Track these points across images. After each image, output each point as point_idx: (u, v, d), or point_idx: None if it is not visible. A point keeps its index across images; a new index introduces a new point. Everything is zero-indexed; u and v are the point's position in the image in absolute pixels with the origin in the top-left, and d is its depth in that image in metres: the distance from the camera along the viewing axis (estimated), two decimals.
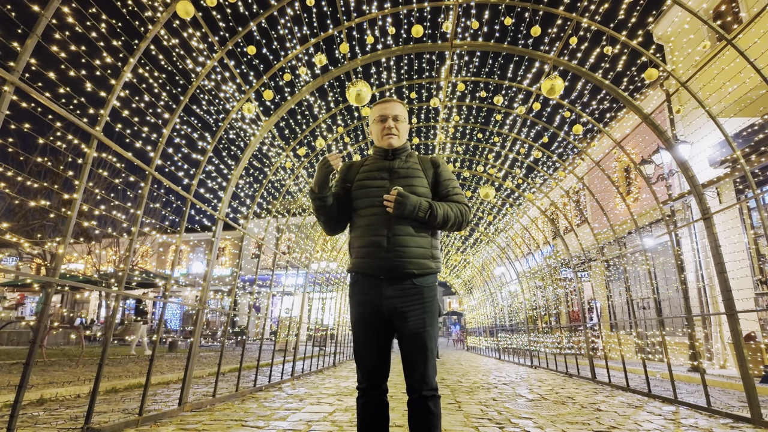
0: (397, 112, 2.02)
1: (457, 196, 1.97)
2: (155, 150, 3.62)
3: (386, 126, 2.00)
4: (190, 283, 25.05)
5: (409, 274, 1.82)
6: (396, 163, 1.99)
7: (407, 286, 1.83)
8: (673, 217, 9.81)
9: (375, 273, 1.84)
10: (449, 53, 5.29)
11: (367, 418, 1.85)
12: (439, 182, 2.00)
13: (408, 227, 1.84)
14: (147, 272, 15.03)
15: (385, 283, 1.84)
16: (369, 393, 1.86)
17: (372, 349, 1.87)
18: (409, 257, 1.82)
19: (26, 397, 4.19)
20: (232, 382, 6.16)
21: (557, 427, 3.57)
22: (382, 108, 2.03)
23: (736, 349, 4.07)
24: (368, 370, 1.86)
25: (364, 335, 1.88)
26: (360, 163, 2.09)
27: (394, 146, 2.01)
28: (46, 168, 15.78)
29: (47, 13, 2.49)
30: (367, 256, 1.85)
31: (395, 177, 1.94)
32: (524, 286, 11.59)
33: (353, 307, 1.92)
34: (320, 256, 9.95)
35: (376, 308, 1.84)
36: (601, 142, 11.87)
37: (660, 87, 10.25)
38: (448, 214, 1.88)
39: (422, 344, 1.80)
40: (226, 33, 4.12)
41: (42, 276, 4.65)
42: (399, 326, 1.84)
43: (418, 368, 1.79)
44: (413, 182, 1.93)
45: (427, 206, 1.84)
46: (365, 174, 1.99)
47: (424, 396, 1.77)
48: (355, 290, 1.92)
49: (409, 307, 1.82)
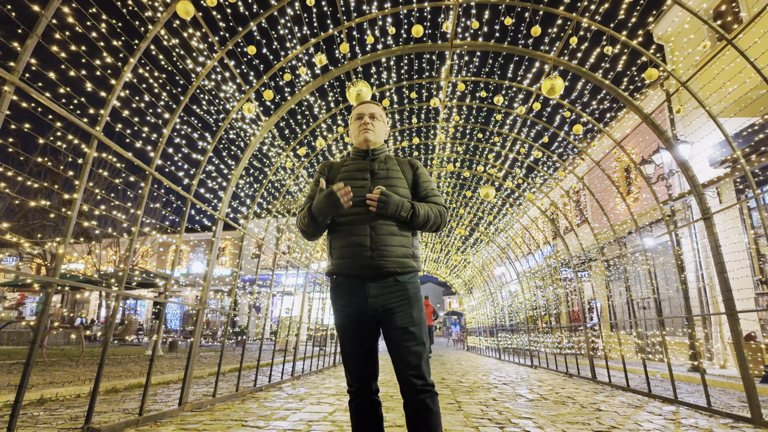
0: (373, 110, 2.06)
1: (436, 198, 2.00)
2: (155, 150, 3.62)
3: (363, 122, 2.03)
4: (191, 283, 25.04)
5: (392, 272, 1.83)
6: (376, 164, 2.01)
7: (390, 283, 1.84)
8: (673, 217, 9.81)
9: (358, 273, 1.84)
10: (449, 53, 5.29)
11: (363, 420, 1.84)
12: (418, 183, 2.03)
13: (391, 227, 1.85)
14: (147, 272, 15.03)
15: (369, 283, 1.83)
16: (361, 395, 1.85)
17: (360, 350, 1.86)
18: (391, 256, 1.83)
19: (26, 397, 4.19)
20: (233, 382, 6.16)
21: (557, 427, 3.57)
22: (359, 108, 2.09)
23: (737, 349, 4.07)
24: (358, 372, 1.85)
25: (351, 338, 1.86)
26: (340, 163, 2.09)
27: (370, 140, 2.02)
28: (46, 168, 15.79)
29: (47, 13, 2.49)
30: (350, 256, 1.84)
31: (376, 178, 1.96)
32: (524, 286, 11.59)
33: (338, 310, 1.90)
34: (320, 256, 9.95)
35: (362, 309, 1.83)
36: (602, 142, 11.87)
37: (660, 87, 10.24)
38: (428, 214, 1.90)
39: (412, 337, 1.78)
40: (226, 33, 4.12)
41: (42, 276, 4.65)
42: (387, 324, 1.83)
43: (410, 363, 1.75)
44: (394, 183, 1.95)
45: (409, 206, 1.86)
46: (346, 174, 1.99)
47: (420, 391, 1.73)
48: (338, 293, 1.90)
49: (395, 303, 1.82)
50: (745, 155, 7.58)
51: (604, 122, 7.88)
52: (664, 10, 10.06)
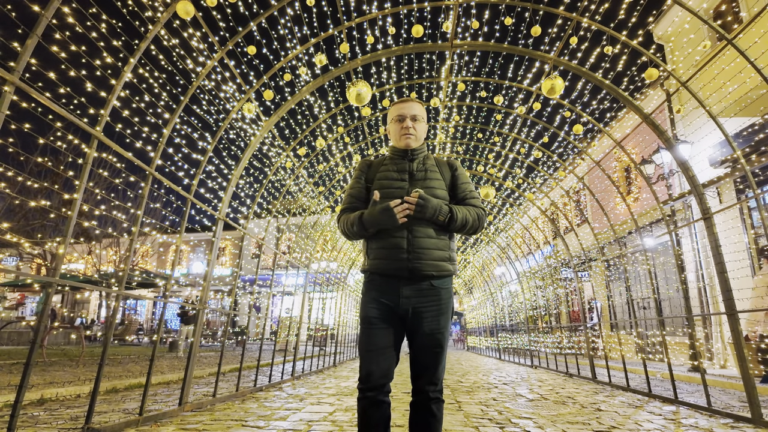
0: (415, 111, 2.00)
1: (474, 200, 1.98)
2: (155, 150, 3.62)
3: (404, 126, 1.98)
4: (191, 283, 25.04)
5: (428, 275, 1.82)
6: (415, 164, 1.99)
7: (425, 287, 1.83)
8: (673, 217, 9.81)
9: (394, 274, 1.83)
10: (449, 53, 5.29)
11: (371, 420, 1.76)
12: (457, 185, 2.01)
13: (428, 229, 1.84)
14: (147, 272, 15.03)
15: (404, 283, 1.83)
16: (372, 393, 1.77)
17: (381, 347, 1.81)
18: (428, 259, 1.82)
19: (27, 397, 4.19)
20: (233, 382, 6.16)
21: (557, 427, 3.57)
22: (400, 108, 2.01)
23: (737, 349, 4.06)
24: (373, 370, 1.78)
25: (375, 332, 1.82)
26: (379, 162, 2.07)
27: (412, 146, 2.00)
28: (46, 168, 15.81)
29: (47, 13, 2.49)
30: (386, 257, 1.84)
31: (414, 179, 1.95)
32: (524, 286, 11.59)
33: (367, 303, 1.87)
34: (320, 256, 9.95)
35: (392, 307, 1.83)
36: (602, 141, 11.86)
37: (660, 87, 10.24)
38: (466, 217, 1.88)
39: (436, 344, 1.80)
40: (226, 33, 4.12)
41: (42, 276, 4.65)
42: (413, 326, 1.83)
43: (429, 369, 1.79)
44: (432, 184, 1.93)
45: (447, 210, 1.84)
46: (385, 174, 1.98)
47: (430, 398, 1.77)
48: (370, 287, 1.89)
49: (426, 308, 1.82)
50: (745, 155, 7.58)
51: (604, 122, 7.88)
52: (664, 10, 10.06)
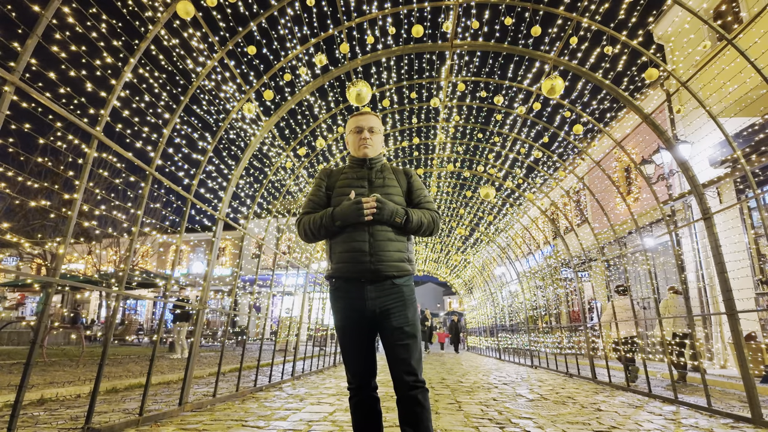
0: (372, 123, 2.15)
1: (429, 204, 2.12)
2: (155, 150, 3.62)
3: (362, 137, 2.13)
4: (191, 283, 25.04)
5: (390, 276, 1.95)
6: (373, 173, 2.13)
7: (387, 286, 1.95)
8: (673, 217, 9.81)
9: (358, 277, 1.94)
10: (449, 53, 5.29)
11: (362, 415, 1.96)
12: (412, 191, 2.15)
13: (387, 233, 1.97)
14: (147, 272, 15.03)
15: (368, 285, 1.94)
16: (360, 392, 1.96)
17: (360, 349, 1.97)
18: (389, 261, 1.94)
19: (27, 397, 4.19)
20: (233, 382, 6.16)
21: (557, 427, 3.57)
22: (358, 120, 2.16)
23: (737, 349, 4.06)
24: (357, 370, 1.97)
25: (350, 337, 1.98)
26: (339, 171, 2.20)
27: (370, 156, 2.14)
28: (46, 168, 15.79)
29: (47, 13, 2.49)
30: (349, 260, 1.95)
31: (373, 186, 2.09)
32: (524, 286, 11.59)
33: (337, 311, 2.01)
34: (320, 256, 9.95)
35: (360, 310, 1.94)
36: (602, 142, 11.86)
37: (660, 87, 10.24)
38: (422, 219, 2.02)
39: (407, 336, 1.91)
40: (227, 33, 4.12)
41: (42, 276, 4.66)
42: (383, 324, 1.94)
43: (404, 360, 1.88)
44: (390, 191, 2.07)
45: (403, 212, 1.98)
46: (345, 182, 2.10)
47: (411, 386, 1.85)
48: (337, 295, 2.01)
49: (391, 305, 1.94)
50: (745, 155, 7.58)
51: (604, 122, 7.87)
52: (664, 10, 10.06)
